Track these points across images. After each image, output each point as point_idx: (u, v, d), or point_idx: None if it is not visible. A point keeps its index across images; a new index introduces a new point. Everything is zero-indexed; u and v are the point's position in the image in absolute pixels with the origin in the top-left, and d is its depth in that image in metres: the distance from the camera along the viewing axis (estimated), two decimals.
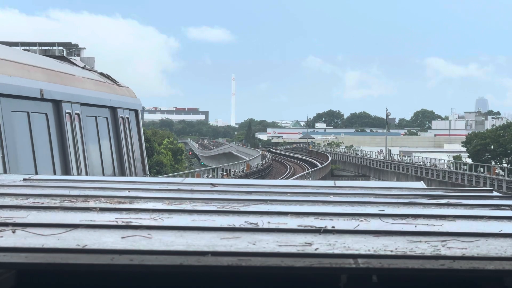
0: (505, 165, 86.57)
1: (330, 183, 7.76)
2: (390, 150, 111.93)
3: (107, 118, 15.81)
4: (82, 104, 14.14)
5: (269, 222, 4.29)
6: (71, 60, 17.11)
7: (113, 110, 16.23)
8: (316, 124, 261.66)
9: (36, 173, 11.62)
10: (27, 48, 62.59)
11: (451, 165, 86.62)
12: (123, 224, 4.15)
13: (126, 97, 17.57)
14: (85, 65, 17.73)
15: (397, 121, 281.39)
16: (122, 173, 16.74)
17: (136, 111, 18.42)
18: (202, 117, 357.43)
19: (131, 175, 17.55)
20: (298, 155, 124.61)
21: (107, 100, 15.95)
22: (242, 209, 4.93)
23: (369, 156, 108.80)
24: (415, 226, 4.26)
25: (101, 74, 17.79)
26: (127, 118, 17.26)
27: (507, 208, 5.23)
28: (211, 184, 6.85)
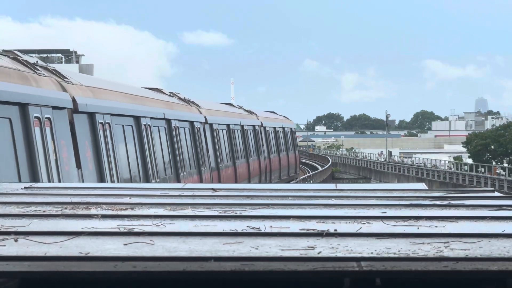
0: (506, 165, 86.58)
1: (331, 186, 7.76)
2: (391, 152, 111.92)
3: (288, 131, 49.68)
4: (277, 127, 46.75)
5: (271, 226, 4.28)
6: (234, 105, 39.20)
7: (290, 128, 50.63)
8: (316, 127, 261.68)
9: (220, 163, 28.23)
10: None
11: (452, 165, 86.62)
12: (125, 230, 4.15)
13: (290, 124, 52.23)
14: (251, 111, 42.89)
15: (397, 122, 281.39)
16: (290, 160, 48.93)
17: (294, 129, 52.67)
18: None
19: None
20: None
21: (281, 125, 47.65)
22: (244, 213, 4.92)
23: (369, 158, 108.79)
24: (418, 228, 4.26)
25: (285, 117, 52.39)
26: (287, 132, 49.08)
27: (509, 208, 5.23)
28: (212, 189, 6.85)
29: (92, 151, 14.93)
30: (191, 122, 24.93)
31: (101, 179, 15.08)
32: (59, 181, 12.83)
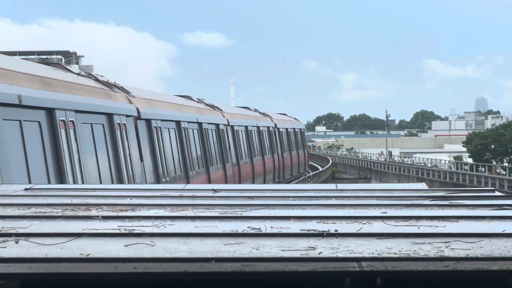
0: (506, 164, 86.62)
1: (331, 186, 7.76)
2: (391, 152, 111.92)
3: (298, 132, 54.21)
4: (289, 128, 51.50)
5: (272, 227, 4.28)
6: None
7: (299, 129, 54.87)
8: (316, 127, 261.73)
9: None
10: (26, 57, 62.53)
11: (452, 165, 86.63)
12: (126, 232, 4.15)
13: (299, 124, 56.74)
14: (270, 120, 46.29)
15: (397, 122, 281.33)
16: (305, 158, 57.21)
17: (303, 129, 58.25)
18: None
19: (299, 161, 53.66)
20: None
21: (292, 126, 51.95)
22: (244, 214, 4.92)
23: (369, 158, 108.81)
24: (418, 228, 4.25)
25: (295, 118, 57.71)
26: (297, 132, 53.11)
27: (510, 207, 5.23)
28: (213, 189, 6.85)
29: (149, 148, 19.72)
30: (217, 125, 29.68)
31: (156, 170, 19.97)
32: (132, 170, 17.67)
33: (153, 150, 19.90)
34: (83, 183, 14.30)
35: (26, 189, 7.17)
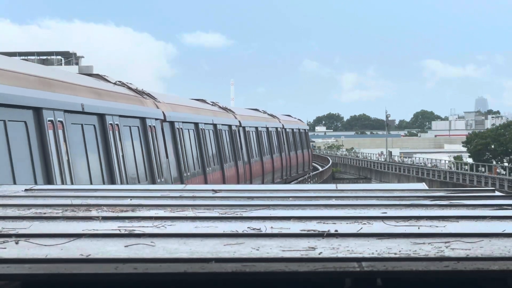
0: (506, 164, 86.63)
1: (331, 186, 7.76)
2: (391, 152, 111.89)
3: (303, 132, 56.38)
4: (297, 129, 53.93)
5: (272, 227, 4.28)
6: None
7: (304, 130, 58.87)
8: (316, 127, 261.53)
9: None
10: (26, 58, 62.47)
11: (452, 165, 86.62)
12: (126, 232, 4.15)
13: (304, 125, 59.27)
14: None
15: (397, 122, 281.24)
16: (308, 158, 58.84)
17: (307, 130, 60.35)
18: None
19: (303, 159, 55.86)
20: None
21: (297, 127, 54.40)
22: (244, 214, 4.92)
23: (369, 158, 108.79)
24: (418, 228, 4.26)
25: (299, 119, 60.45)
26: (302, 132, 55.11)
27: (510, 207, 5.23)
28: (213, 190, 6.85)
29: (173, 147, 22.45)
30: (230, 126, 32.36)
31: (178, 166, 22.92)
32: (160, 166, 20.43)
33: (176, 148, 22.66)
34: (126, 177, 17.10)
35: (26, 189, 7.17)
